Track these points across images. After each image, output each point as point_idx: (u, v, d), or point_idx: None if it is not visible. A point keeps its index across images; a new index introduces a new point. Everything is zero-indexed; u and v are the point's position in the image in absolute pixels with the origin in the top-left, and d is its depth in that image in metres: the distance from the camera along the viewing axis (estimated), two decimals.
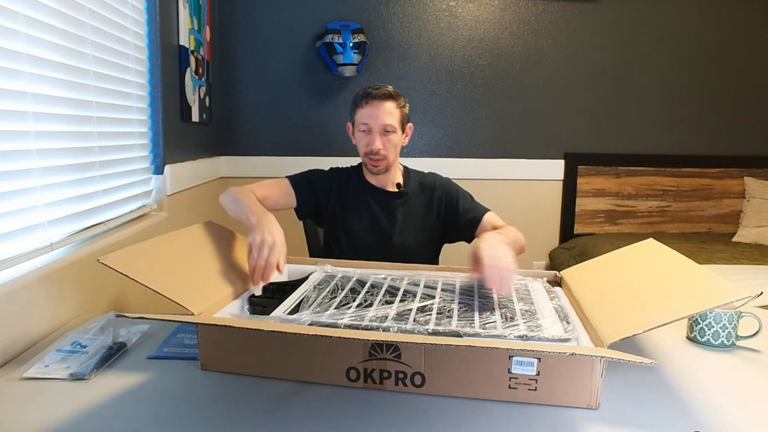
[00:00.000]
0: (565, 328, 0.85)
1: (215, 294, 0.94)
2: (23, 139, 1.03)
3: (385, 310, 0.94)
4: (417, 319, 0.90)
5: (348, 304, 0.98)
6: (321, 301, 0.99)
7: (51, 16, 1.12)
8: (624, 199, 2.87)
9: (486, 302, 0.99)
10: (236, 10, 2.59)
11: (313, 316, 0.91)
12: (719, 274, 0.82)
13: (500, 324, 0.87)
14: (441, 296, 1.02)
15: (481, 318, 0.90)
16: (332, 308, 0.95)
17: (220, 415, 0.73)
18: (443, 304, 0.98)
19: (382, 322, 0.88)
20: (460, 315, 0.92)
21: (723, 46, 2.81)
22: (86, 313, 1.16)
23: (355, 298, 1.01)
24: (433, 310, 0.94)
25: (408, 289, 1.06)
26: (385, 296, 1.02)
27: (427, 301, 0.99)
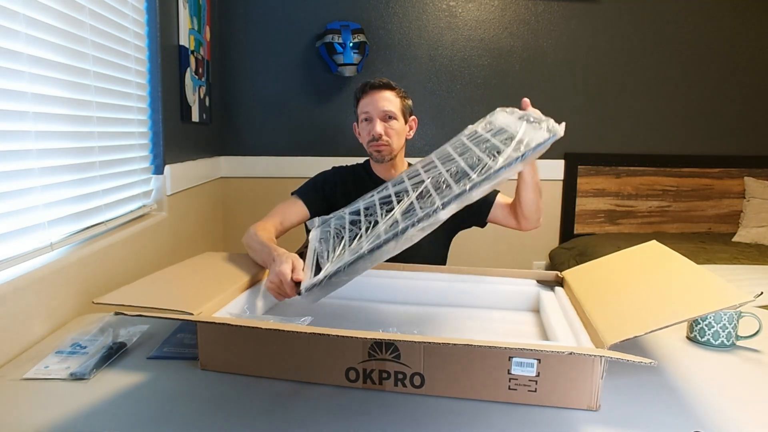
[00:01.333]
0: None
1: (213, 297, 0.94)
2: (23, 139, 1.03)
3: (391, 218, 0.94)
4: (422, 205, 0.91)
5: (358, 234, 0.97)
6: (334, 248, 0.98)
7: (51, 16, 1.12)
8: (624, 199, 2.87)
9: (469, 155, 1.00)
10: (236, 10, 2.58)
11: (337, 263, 0.90)
12: (719, 274, 0.82)
13: (488, 159, 0.90)
14: (428, 175, 1.02)
15: (474, 169, 0.92)
16: (348, 247, 0.95)
17: (219, 415, 0.73)
18: (434, 178, 0.98)
19: (395, 227, 0.88)
20: (455, 176, 0.93)
21: (723, 46, 2.81)
22: (86, 313, 1.16)
23: (360, 227, 1.00)
24: (429, 190, 0.95)
25: (398, 190, 1.06)
26: (383, 208, 1.01)
27: (419, 187, 0.99)
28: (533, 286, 1.16)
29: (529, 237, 2.86)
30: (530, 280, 1.18)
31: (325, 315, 1.11)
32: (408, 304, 1.18)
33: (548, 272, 1.19)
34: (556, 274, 1.17)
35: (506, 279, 1.19)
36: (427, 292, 1.18)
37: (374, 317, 1.10)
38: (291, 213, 1.43)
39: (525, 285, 1.17)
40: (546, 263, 2.89)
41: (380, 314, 1.12)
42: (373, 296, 1.20)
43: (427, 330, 1.02)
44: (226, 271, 1.09)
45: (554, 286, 1.14)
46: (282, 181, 2.70)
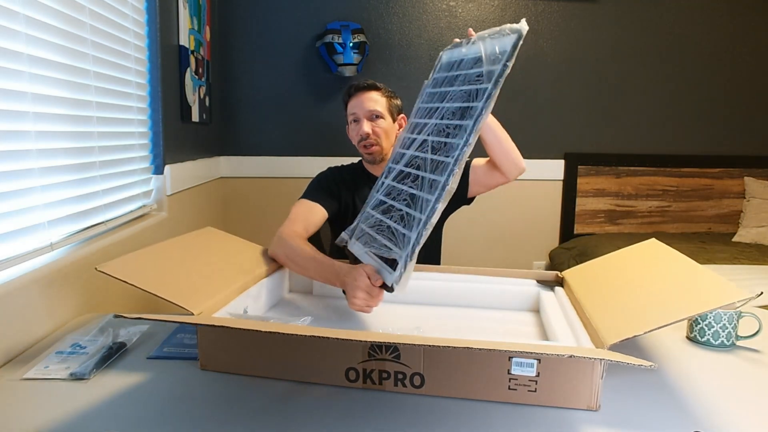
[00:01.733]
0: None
1: (215, 294, 0.94)
2: (23, 139, 1.03)
3: (425, 180, 0.97)
4: (445, 154, 0.94)
5: (402, 214, 0.99)
6: (390, 238, 0.99)
7: (51, 16, 1.11)
8: (624, 199, 2.87)
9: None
10: (236, 10, 2.58)
11: (407, 245, 0.91)
12: (719, 274, 0.82)
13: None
14: (424, 133, 1.06)
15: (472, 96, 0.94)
16: (404, 228, 0.96)
17: (219, 415, 0.73)
18: (435, 129, 1.02)
19: (437, 184, 0.92)
20: (455, 116, 0.96)
21: (723, 45, 2.81)
22: (86, 314, 1.16)
23: (398, 207, 1.02)
24: (437, 140, 0.99)
25: (407, 161, 1.08)
26: (405, 182, 1.04)
27: (427, 145, 1.03)
28: (533, 286, 1.16)
29: (528, 237, 2.86)
30: (530, 280, 1.18)
31: (325, 315, 1.11)
32: (408, 304, 1.18)
33: (548, 272, 1.19)
34: (556, 274, 1.17)
35: (506, 279, 1.19)
36: (427, 292, 1.18)
37: (374, 317, 1.10)
38: (312, 216, 1.38)
39: (525, 285, 1.17)
40: (546, 263, 2.89)
41: (380, 314, 1.12)
42: None
43: (427, 330, 1.02)
44: (228, 260, 1.08)
45: (554, 286, 1.14)
46: (282, 181, 2.70)
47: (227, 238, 1.19)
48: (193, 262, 1.03)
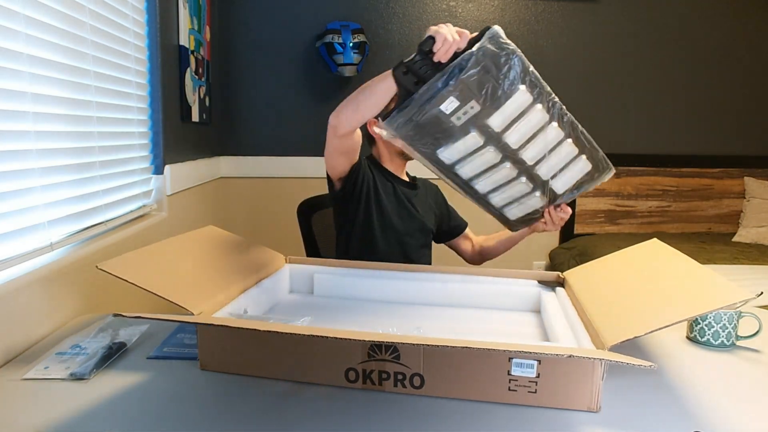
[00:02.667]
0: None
1: (215, 294, 0.94)
2: (23, 139, 1.03)
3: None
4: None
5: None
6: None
7: (51, 16, 1.11)
8: (624, 199, 2.87)
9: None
10: (236, 10, 2.58)
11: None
12: (719, 275, 0.82)
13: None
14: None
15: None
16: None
17: (219, 415, 0.73)
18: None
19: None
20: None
21: (723, 46, 2.81)
22: (86, 314, 1.16)
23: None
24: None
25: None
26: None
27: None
28: (534, 286, 1.16)
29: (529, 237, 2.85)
30: (531, 280, 1.18)
31: (325, 315, 1.11)
32: (408, 304, 1.18)
33: (549, 273, 1.19)
34: (558, 275, 1.17)
35: (507, 279, 1.19)
36: (427, 292, 1.18)
37: (374, 317, 1.10)
38: (357, 143, 1.36)
39: (526, 285, 1.17)
40: (546, 263, 2.89)
41: (380, 314, 1.12)
42: (373, 296, 1.19)
43: (427, 330, 1.02)
44: (229, 259, 1.08)
45: (555, 287, 1.14)
46: (282, 181, 2.70)
47: (229, 238, 1.19)
48: (194, 261, 1.03)
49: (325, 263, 1.24)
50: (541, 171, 1.21)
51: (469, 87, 1.08)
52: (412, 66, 1.08)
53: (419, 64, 1.08)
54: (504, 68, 1.12)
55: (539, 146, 1.18)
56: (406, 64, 1.08)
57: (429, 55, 1.07)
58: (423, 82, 1.08)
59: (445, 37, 1.04)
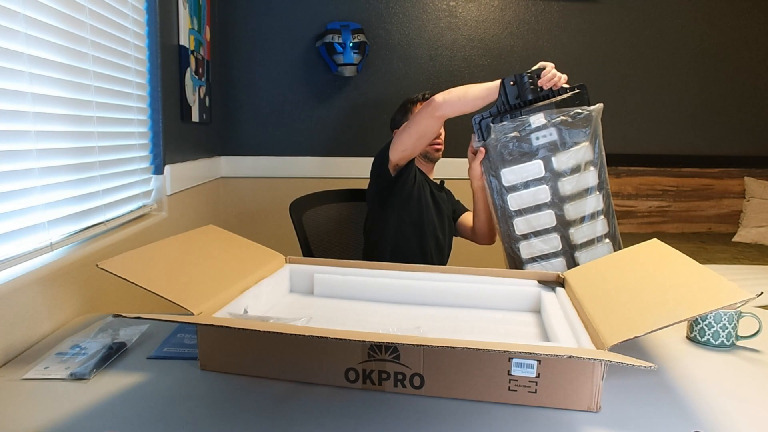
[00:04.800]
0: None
1: (215, 294, 0.94)
2: (23, 139, 1.03)
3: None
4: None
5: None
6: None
7: (51, 16, 1.11)
8: (624, 199, 2.87)
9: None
10: (236, 10, 2.58)
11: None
12: (719, 275, 0.82)
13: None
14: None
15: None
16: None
17: (219, 415, 0.73)
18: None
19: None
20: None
21: (723, 46, 2.81)
22: (86, 314, 1.16)
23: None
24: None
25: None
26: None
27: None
28: (534, 286, 1.16)
29: None
30: (531, 280, 1.18)
31: (325, 315, 1.11)
32: (408, 304, 1.18)
33: (550, 273, 1.19)
34: (558, 275, 1.17)
35: (507, 279, 1.19)
36: (427, 292, 1.18)
37: (374, 317, 1.10)
38: (434, 137, 1.51)
39: (526, 285, 1.17)
40: None
41: (380, 314, 1.12)
42: (373, 296, 1.20)
43: (427, 330, 1.02)
44: (229, 259, 1.08)
45: (555, 287, 1.14)
46: (282, 181, 2.70)
47: (229, 237, 1.19)
48: (194, 260, 1.03)
49: (325, 263, 1.24)
50: (576, 236, 1.33)
51: (557, 114, 1.32)
52: (520, 80, 1.31)
53: (525, 80, 1.31)
54: (583, 119, 1.36)
55: (581, 208, 1.33)
56: (516, 76, 1.31)
57: (535, 79, 1.30)
58: (521, 97, 1.31)
59: (552, 71, 1.29)
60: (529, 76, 1.31)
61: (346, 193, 1.98)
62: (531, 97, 1.31)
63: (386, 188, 1.52)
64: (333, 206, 1.94)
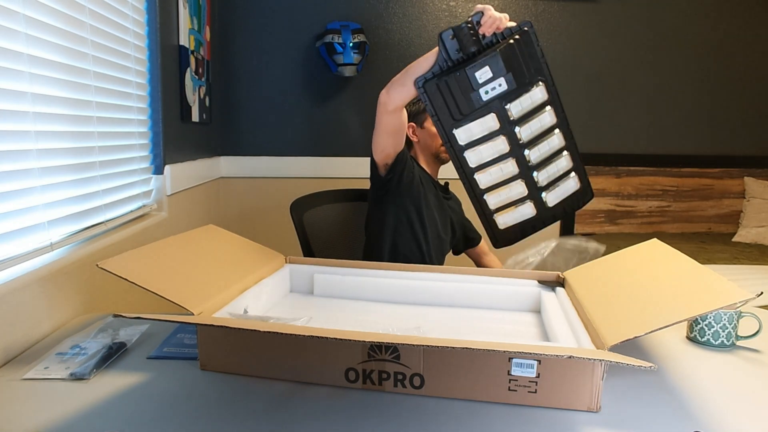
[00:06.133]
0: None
1: (215, 294, 0.94)
2: (23, 139, 1.03)
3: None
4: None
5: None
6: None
7: (51, 16, 1.11)
8: (624, 199, 2.87)
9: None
10: (236, 10, 2.58)
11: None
12: (719, 275, 0.82)
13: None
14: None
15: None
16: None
17: (220, 415, 0.73)
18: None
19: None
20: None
21: (723, 45, 2.81)
22: (86, 314, 1.16)
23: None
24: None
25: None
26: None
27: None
28: (534, 286, 1.16)
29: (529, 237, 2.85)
30: (532, 280, 1.18)
31: (325, 315, 1.11)
32: (408, 304, 1.18)
33: (550, 272, 1.19)
34: (558, 275, 1.17)
35: (507, 279, 1.19)
36: (427, 292, 1.18)
37: (374, 317, 1.10)
38: (404, 123, 1.44)
39: (526, 285, 1.17)
40: None
41: (380, 314, 1.12)
42: (373, 296, 1.20)
43: (427, 330, 1.02)
44: (229, 259, 1.08)
45: (555, 287, 1.14)
46: (282, 181, 2.70)
47: (229, 237, 1.19)
48: (194, 260, 1.03)
49: (325, 263, 1.24)
50: (540, 177, 1.29)
51: (504, 63, 1.21)
52: (458, 31, 1.22)
53: (465, 32, 1.21)
54: (533, 60, 1.23)
55: (543, 149, 1.28)
56: (454, 29, 1.22)
57: (475, 27, 1.21)
58: (464, 50, 1.22)
59: (491, 13, 1.20)
60: (469, 25, 1.22)
61: (347, 193, 1.98)
62: (474, 49, 1.23)
63: (381, 188, 1.52)
64: (333, 206, 1.94)
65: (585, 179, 1.33)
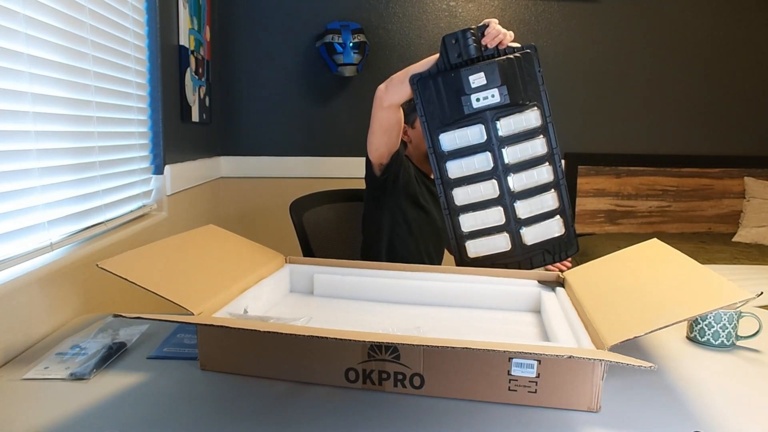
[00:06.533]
0: None
1: (215, 294, 0.94)
2: (23, 139, 1.03)
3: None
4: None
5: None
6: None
7: (51, 16, 1.11)
8: (624, 199, 2.87)
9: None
10: (236, 10, 2.58)
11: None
12: (719, 275, 0.82)
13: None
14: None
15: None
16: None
17: (219, 415, 0.73)
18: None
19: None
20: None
21: (723, 45, 2.81)
22: (86, 314, 1.16)
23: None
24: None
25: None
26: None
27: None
28: (534, 286, 1.16)
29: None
30: (532, 280, 1.18)
31: (325, 315, 1.11)
32: (408, 304, 1.18)
33: (550, 272, 1.19)
34: (558, 275, 1.17)
35: (507, 279, 1.18)
36: (427, 292, 1.18)
37: (374, 317, 1.10)
38: (400, 128, 1.42)
39: (526, 285, 1.17)
40: None
41: (380, 314, 1.12)
42: (373, 296, 1.20)
43: (427, 330, 1.02)
44: (229, 259, 1.08)
45: (555, 287, 1.14)
46: (282, 181, 2.70)
47: (229, 237, 1.19)
48: (194, 260, 1.03)
49: (325, 263, 1.24)
50: (520, 209, 1.25)
51: (500, 73, 1.20)
52: (461, 37, 1.21)
53: (468, 38, 1.21)
54: (531, 82, 1.22)
55: (528, 179, 1.24)
56: (458, 33, 1.21)
57: (479, 36, 1.21)
58: (463, 56, 1.22)
59: (496, 27, 1.20)
60: (473, 33, 1.21)
61: (347, 193, 1.98)
62: (474, 56, 1.21)
63: (377, 188, 1.52)
64: (333, 206, 1.94)
65: (571, 229, 1.26)
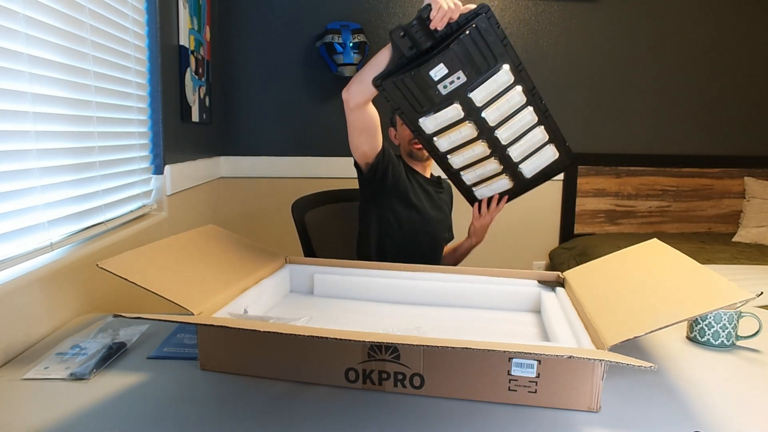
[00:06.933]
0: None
1: (215, 294, 0.94)
2: (23, 139, 1.03)
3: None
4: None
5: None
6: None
7: (51, 16, 1.11)
8: (624, 199, 2.87)
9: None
10: (236, 10, 2.58)
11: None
12: (719, 275, 0.82)
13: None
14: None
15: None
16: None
17: (219, 415, 0.73)
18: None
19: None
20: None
21: (723, 45, 2.81)
22: (86, 314, 1.16)
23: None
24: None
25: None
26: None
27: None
28: (534, 286, 1.16)
29: (529, 237, 2.86)
30: (531, 280, 1.18)
31: (325, 315, 1.11)
32: (408, 304, 1.18)
33: (550, 272, 1.19)
34: (558, 275, 1.17)
35: (507, 279, 1.19)
36: (427, 292, 1.18)
37: (374, 317, 1.10)
38: (377, 124, 1.43)
39: (526, 285, 1.17)
40: (546, 263, 2.89)
41: (380, 314, 1.12)
42: (373, 296, 1.20)
43: (427, 330, 1.02)
44: (229, 259, 1.08)
45: (555, 287, 1.14)
46: (282, 181, 2.70)
47: (229, 237, 1.19)
48: (194, 260, 1.03)
49: (325, 263, 1.24)
50: (513, 153, 1.30)
51: (459, 57, 1.17)
52: (408, 29, 1.17)
53: (416, 28, 1.17)
54: (492, 46, 1.20)
55: (514, 128, 1.27)
56: (404, 27, 1.18)
57: (426, 22, 1.16)
58: (417, 47, 1.18)
59: (441, 5, 1.14)
60: (418, 23, 1.17)
61: (349, 193, 1.98)
62: (430, 44, 1.19)
63: (367, 187, 1.53)
64: (335, 206, 1.94)
65: (563, 147, 1.32)
